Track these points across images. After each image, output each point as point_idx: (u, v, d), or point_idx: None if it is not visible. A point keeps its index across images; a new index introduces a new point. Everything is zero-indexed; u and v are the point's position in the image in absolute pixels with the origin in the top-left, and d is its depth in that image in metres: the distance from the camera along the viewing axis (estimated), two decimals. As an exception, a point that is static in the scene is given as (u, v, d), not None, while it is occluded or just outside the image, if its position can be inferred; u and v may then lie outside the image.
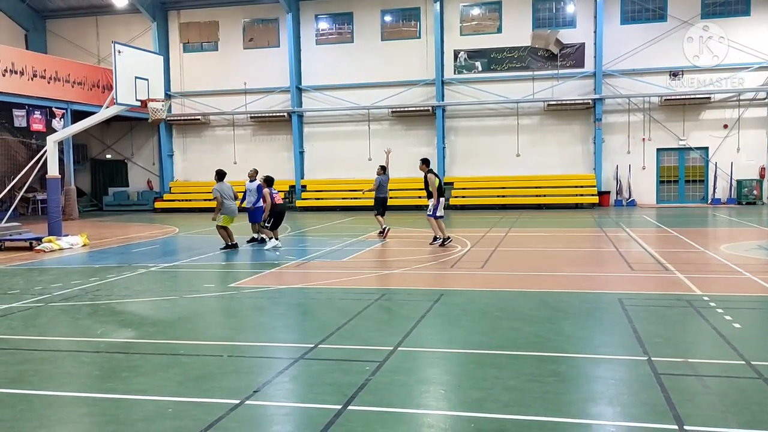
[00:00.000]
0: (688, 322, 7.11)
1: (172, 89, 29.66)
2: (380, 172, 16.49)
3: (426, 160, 14.72)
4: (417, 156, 28.05)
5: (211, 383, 5.26)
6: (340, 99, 28.19)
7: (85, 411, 4.84)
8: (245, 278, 10.33)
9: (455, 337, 6.69)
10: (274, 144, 29.45)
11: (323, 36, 28.57)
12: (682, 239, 14.39)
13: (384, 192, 16.38)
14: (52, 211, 16.41)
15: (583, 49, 26.08)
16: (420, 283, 9.90)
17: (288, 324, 7.78)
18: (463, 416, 4.51)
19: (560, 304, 8.05)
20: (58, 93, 23.73)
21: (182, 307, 8.44)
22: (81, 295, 9.24)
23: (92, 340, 6.82)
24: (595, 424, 4.34)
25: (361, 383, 5.11)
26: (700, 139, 25.69)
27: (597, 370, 5.48)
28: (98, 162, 31.79)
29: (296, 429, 4.36)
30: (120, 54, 15.20)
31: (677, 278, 9.58)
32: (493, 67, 26.92)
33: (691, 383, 5.05)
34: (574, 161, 26.62)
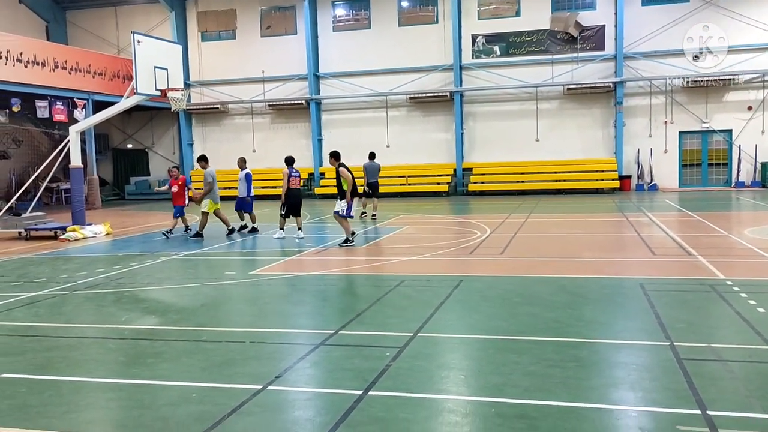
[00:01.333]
0: (711, 307, 7.04)
1: (191, 78, 29.80)
2: None
3: (335, 153, 13.00)
4: (435, 142, 28.23)
5: (234, 369, 5.33)
6: (357, 86, 28.13)
7: (112, 396, 4.93)
8: (266, 266, 10.41)
9: (475, 323, 6.70)
10: (292, 132, 29.52)
11: (340, 23, 28.48)
12: (705, 223, 14.20)
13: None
14: (76, 201, 16.64)
15: (604, 31, 25.71)
16: (439, 270, 9.90)
17: (308, 310, 7.84)
18: (484, 401, 4.52)
19: (580, 290, 8.01)
20: (80, 84, 23.98)
21: (204, 294, 8.53)
22: (105, 282, 9.39)
23: (117, 327, 6.94)
24: (617, 409, 4.33)
25: (382, 369, 5.14)
26: (723, 122, 25.26)
27: (618, 355, 5.46)
28: (120, 151, 32.12)
29: (318, 414, 4.40)
30: (139, 44, 15.29)
31: (700, 263, 9.48)
32: (511, 51, 26.66)
33: (714, 368, 5.01)
34: (594, 146, 26.34)
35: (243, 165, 15.59)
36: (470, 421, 4.21)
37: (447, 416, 4.31)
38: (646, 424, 4.04)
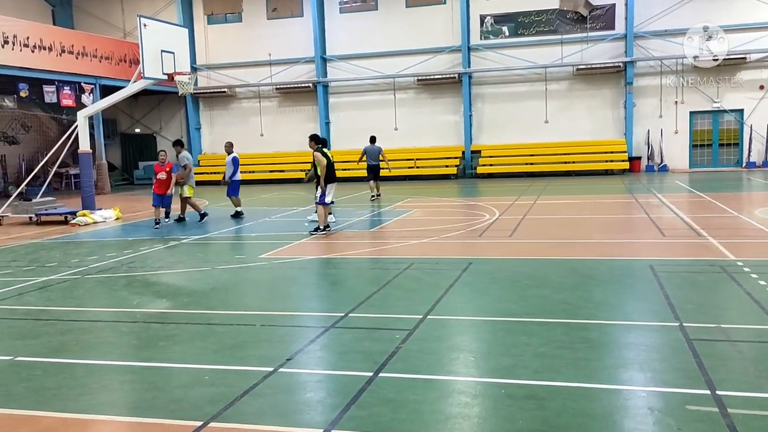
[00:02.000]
0: (720, 288, 7.03)
1: (198, 62, 29.73)
2: None
3: (315, 136, 12.61)
4: (444, 124, 28.10)
5: (246, 351, 5.38)
6: (365, 68, 27.99)
7: (126, 378, 5.00)
8: (275, 249, 10.45)
9: (484, 305, 6.72)
10: (300, 115, 29.46)
11: (347, 4, 28.27)
12: (716, 204, 14.12)
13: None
14: (85, 186, 16.72)
15: (614, 10, 25.40)
16: (448, 252, 9.91)
17: (318, 293, 7.89)
18: (494, 382, 4.55)
19: (590, 271, 8.01)
20: (87, 68, 23.99)
21: (215, 278, 8.59)
22: (116, 267, 9.46)
23: (129, 310, 7.00)
24: (626, 389, 4.35)
25: (392, 351, 5.18)
26: (734, 101, 24.98)
27: (628, 336, 5.47)
28: (128, 136, 32.18)
29: (329, 395, 4.44)
30: (146, 28, 15.26)
31: (710, 244, 9.44)
32: (520, 31, 26.40)
33: (723, 349, 5.01)
34: (604, 126, 26.15)
35: (230, 149, 15.52)
36: (480, 402, 4.25)
37: (457, 397, 4.34)
38: (655, 404, 4.06)
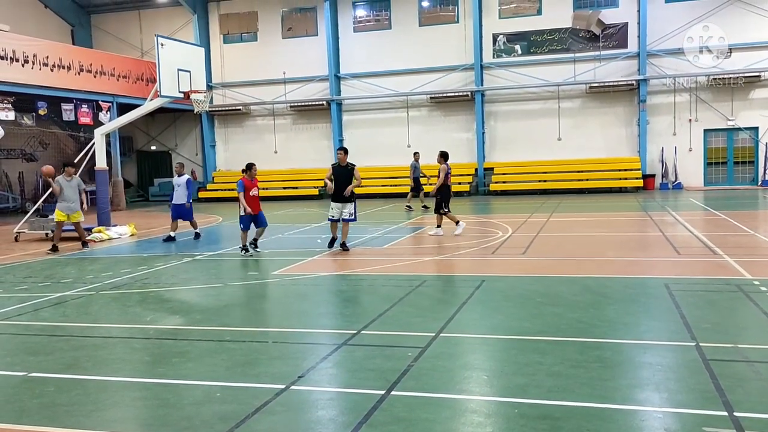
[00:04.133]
0: (737, 307, 6.94)
1: (214, 80, 30.06)
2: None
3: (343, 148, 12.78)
4: (456, 142, 28.12)
5: (258, 369, 5.37)
6: (378, 86, 28.16)
7: (138, 395, 5.00)
8: (288, 266, 10.47)
9: (497, 323, 6.67)
10: (314, 132, 29.64)
11: (361, 23, 28.54)
12: (731, 222, 13.98)
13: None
14: (101, 202, 16.88)
15: (626, 28, 25.43)
16: (461, 270, 9.88)
17: (331, 311, 7.88)
18: (507, 402, 4.51)
19: (604, 290, 7.94)
20: (104, 87, 24.33)
21: (227, 294, 8.61)
22: (130, 283, 9.52)
23: (142, 326, 7.03)
24: (642, 410, 4.29)
25: (404, 369, 5.15)
26: (749, 119, 24.83)
27: (643, 356, 5.40)
28: (143, 153, 32.52)
29: (340, 414, 4.42)
30: (163, 47, 15.47)
31: (726, 262, 9.34)
32: (533, 50, 26.49)
33: (741, 369, 4.94)
34: (617, 144, 26.06)
35: (182, 170, 14.83)
36: (493, 421, 4.20)
37: (469, 417, 4.30)
38: (671, 426, 3.99)
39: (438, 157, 13.83)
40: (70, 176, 13.66)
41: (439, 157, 13.81)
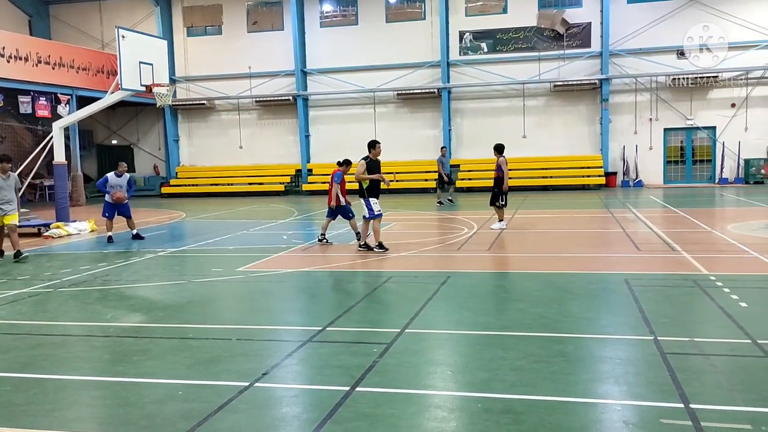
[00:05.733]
0: (694, 302, 7.12)
1: (177, 74, 29.61)
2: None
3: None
4: (423, 139, 28.24)
5: (221, 366, 5.32)
6: (345, 82, 28.09)
7: (97, 394, 4.90)
8: (253, 262, 10.38)
9: (462, 319, 6.72)
10: (279, 128, 29.43)
11: (327, 18, 28.41)
12: (690, 219, 14.34)
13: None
14: (60, 197, 16.49)
15: (590, 28, 25.84)
16: (427, 266, 9.93)
17: (296, 307, 7.84)
18: (471, 396, 4.55)
19: (567, 285, 8.06)
20: (63, 79, 23.73)
21: (191, 291, 8.49)
22: (90, 280, 9.32)
23: (102, 324, 6.89)
24: (602, 403, 4.37)
25: (369, 365, 5.15)
26: (707, 119, 25.50)
27: (603, 350, 5.51)
28: (104, 147, 31.86)
29: (305, 410, 4.40)
30: (124, 39, 15.18)
31: (684, 258, 9.57)
32: (498, 48, 26.73)
33: (697, 362, 5.07)
34: (580, 142, 26.49)
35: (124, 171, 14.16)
36: (457, 416, 4.24)
37: (434, 411, 4.33)
38: (630, 418, 4.08)
39: (494, 151, 13.63)
40: (6, 173, 11.53)
41: (495, 152, 13.62)
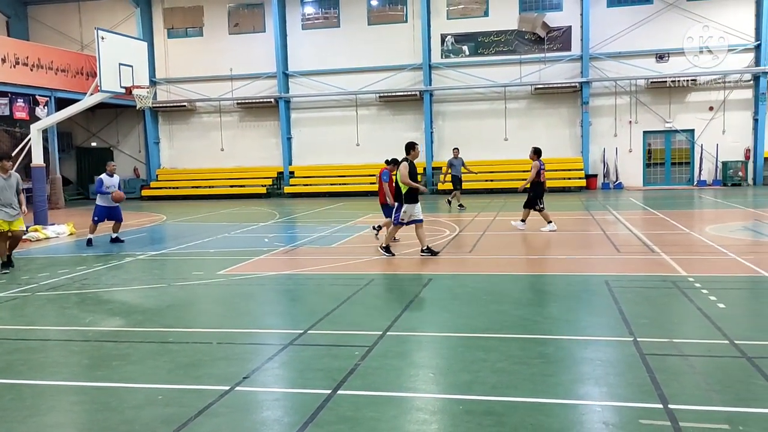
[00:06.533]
0: (673, 303, 7.20)
1: (157, 76, 29.38)
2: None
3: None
4: (404, 141, 28.02)
5: (201, 370, 5.28)
6: (327, 84, 28.06)
7: (76, 399, 4.84)
8: (234, 265, 10.32)
9: (444, 321, 6.74)
10: (261, 130, 29.31)
11: (309, 21, 28.37)
12: (668, 221, 14.51)
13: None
14: (38, 200, 16.28)
15: (570, 32, 26.07)
16: (409, 268, 9.93)
17: (277, 310, 7.80)
18: (452, 399, 4.56)
19: (548, 287, 8.12)
20: (42, 80, 23.44)
21: (171, 295, 8.42)
22: (68, 284, 9.21)
23: (81, 329, 6.81)
24: (582, 404, 4.40)
25: (351, 368, 5.14)
26: (686, 122, 25.84)
27: (584, 351, 5.55)
28: (83, 150, 31.50)
29: (286, 414, 4.38)
30: (103, 40, 15.04)
31: (663, 260, 9.68)
32: (480, 51, 26.87)
33: (676, 363, 5.12)
34: (561, 144, 26.69)
35: (114, 170, 13.59)
36: (438, 418, 4.25)
37: (415, 414, 4.33)
38: (610, 419, 4.11)
39: (531, 153, 13.70)
40: (7, 172, 10.53)
41: (532, 154, 13.68)
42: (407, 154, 10.87)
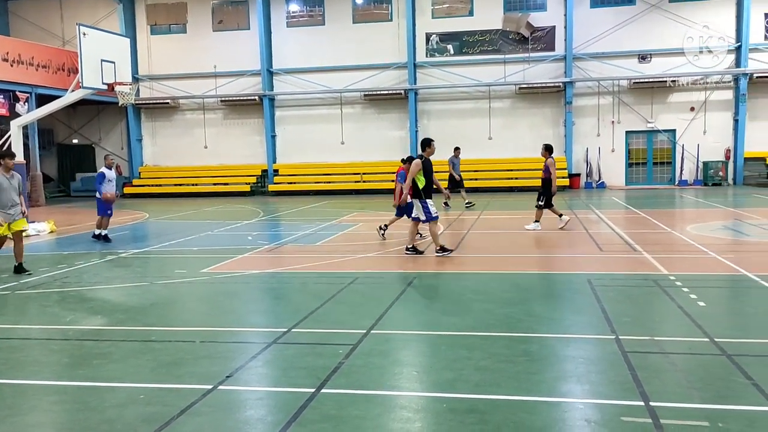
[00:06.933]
0: (654, 302, 7.27)
1: (140, 72, 29.13)
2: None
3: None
4: (390, 140, 28.29)
5: (184, 369, 5.24)
6: (311, 82, 27.98)
7: (56, 399, 4.79)
8: (218, 264, 10.26)
9: (428, 320, 6.75)
10: (245, 128, 29.17)
11: (294, 18, 28.27)
12: (650, 220, 14.66)
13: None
14: (18, 198, 16.03)
15: (554, 32, 26.22)
16: (393, 267, 9.94)
17: (261, 309, 7.77)
18: (436, 397, 4.57)
19: (531, 286, 8.16)
20: (22, 76, 23.11)
21: (154, 293, 8.36)
22: (49, 282, 9.10)
23: (61, 327, 6.73)
24: (565, 402, 4.43)
25: (335, 366, 5.13)
26: (667, 122, 26.10)
27: (567, 349, 5.59)
28: (65, 147, 31.15)
29: (269, 413, 4.37)
30: (85, 36, 14.89)
31: (645, 258, 9.77)
32: (464, 50, 26.94)
33: (657, 361, 5.17)
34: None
35: (113, 164, 13.55)
36: (422, 416, 4.25)
37: (399, 412, 4.34)
38: (592, 416, 4.15)
39: (543, 151, 13.61)
40: (10, 171, 9.87)
41: (544, 151, 13.58)
42: (422, 150, 10.87)
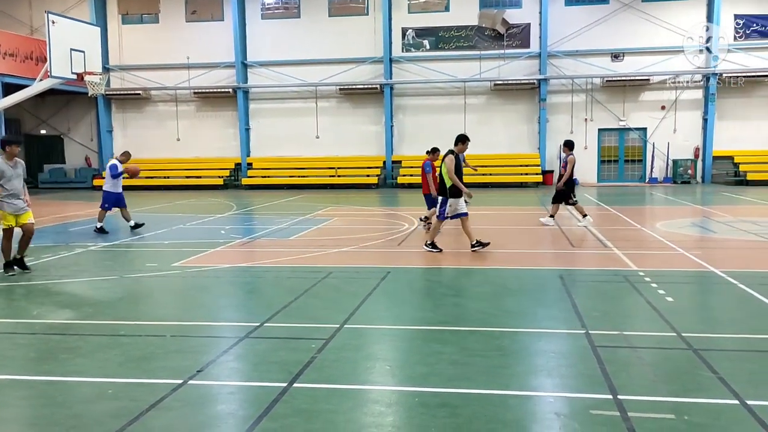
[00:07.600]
0: (624, 297, 7.38)
1: (111, 62, 28.64)
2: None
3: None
4: (365, 134, 28.25)
5: (154, 363, 5.18)
6: (286, 75, 27.78)
7: (21, 394, 4.69)
8: (189, 257, 10.14)
9: (401, 314, 6.76)
10: (219, 120, 28.87)
11: (269, 10, 28.02)
12: (621, 217, 14.86)
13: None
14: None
15: (529, 29, 26.40)
16: (367, 261, 9.93)
17: (233, 303, 7.71)
18: (408, 391, 4.58)
19: (503, 281, 8.22)
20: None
21: (123, 287, 8.23)
22: (15, 275, 8.90)
23: (27, 321, 6.60)
24: (535, 395, 4.47)
25: (307, 361, 5.11)
26: (639, 120, 26.48)
27: (538, 344, 5.64)
28: (32, 138, 30.48)
29: (240, 407, 4.33)
30: (54, 24, 14.57)
31: (615, 255, 9.91)
32: (440, 45, 26.98)
33: (625, 355, 5.25)
34: (519, 140, 27.05)
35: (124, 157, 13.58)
36: (394, 410, 4.26)
37: (371, 406, 4.34)
38: (562, 410, 4.19)
39: (563, 146, 13.47)
40: (13, 159, 8.93)
41: (565, 147, 13.42)
42: (455, 145, 10.68)
